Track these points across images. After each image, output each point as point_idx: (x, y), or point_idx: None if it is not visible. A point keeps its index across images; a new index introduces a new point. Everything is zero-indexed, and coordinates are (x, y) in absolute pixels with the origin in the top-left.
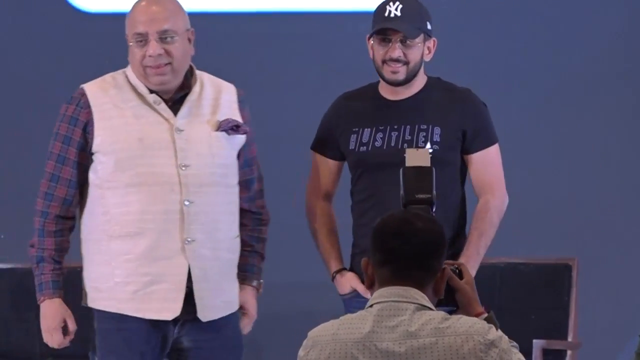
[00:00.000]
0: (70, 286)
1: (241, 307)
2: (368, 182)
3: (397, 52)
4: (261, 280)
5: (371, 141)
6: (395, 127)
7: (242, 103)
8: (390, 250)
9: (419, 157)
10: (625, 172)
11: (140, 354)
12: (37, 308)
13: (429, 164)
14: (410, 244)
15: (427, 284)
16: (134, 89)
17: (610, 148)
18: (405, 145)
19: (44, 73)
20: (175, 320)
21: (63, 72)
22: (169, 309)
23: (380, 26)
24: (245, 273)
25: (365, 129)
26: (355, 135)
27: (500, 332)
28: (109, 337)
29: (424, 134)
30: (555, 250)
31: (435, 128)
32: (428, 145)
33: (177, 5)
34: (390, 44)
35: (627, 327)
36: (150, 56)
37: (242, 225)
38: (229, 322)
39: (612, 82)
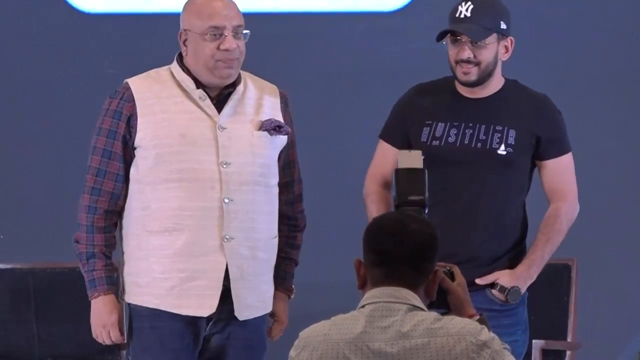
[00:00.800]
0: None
1: (272, 314)
2: (437, 177)
3: (466, 53)
4: (293, 287)
5: (444, 136)
6: (470, 124)
7: (284, 104)
8: (383, 251)
9: (411, 159)
10: (625, 173)
11: (173, 351)
12: (36, 309)
13: (421, 166)
14: (403, 246)
15: (419, 285)
16: (179, 84)
17: (610, 148)
18: (479, 144)
19: (44, 73)
20: (208, 318)
21: (63, 73)
22: (205, 306)
23: (448, 28)
24: (277, 279)
25: (439, 123)
26: (428, 128)
27: (492, 334)
28: (142, 336)
29: (499, 135)
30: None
31: (511, 131)
32: (502, 148)
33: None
34: (461, 45)
35: (626, 328)
36: (227, 50)
37: (277, 230)
38: (261, 322)
39: (612, 82)
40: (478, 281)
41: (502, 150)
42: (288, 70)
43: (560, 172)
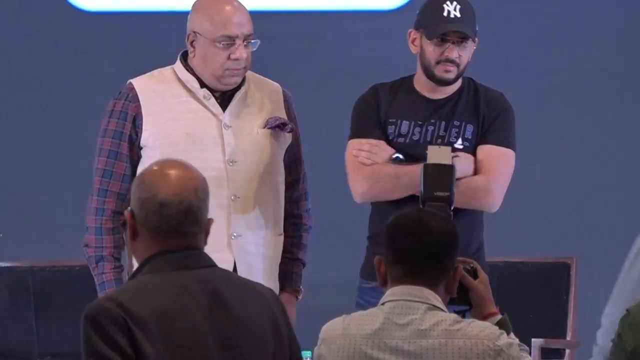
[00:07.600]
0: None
1: None
2: None
3: (454, 53)
4: (301, 287)
5: (409, 134)
6: (432, 121)
7: (287, 102)
8: (402, 250)
9: (440, 154)
10: (625, 172)
11: None
12: (36, 307)
13: (450, 162)
14: (422, 244)
15: (439, 283)
16: (183, 84)
17: (610, 148)
18: (439, 140)
19: (44, 72)
20: None
21: (62, 71)
22: None
23: (444, 29)
24: (284, 280)
25: (404, 121)
26: (393, 126)
27: (511, 339)
28: None
29: (457, 130)
30: (554, 249)
31: (468, 125)
32: (459, 142)
33: None
34: (448, 45)
35: None
36: (237, 59)
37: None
38: None
39: (612, 82)
40: None
41: (459, 144)
42: (288, 69)
43: (491, 157)
